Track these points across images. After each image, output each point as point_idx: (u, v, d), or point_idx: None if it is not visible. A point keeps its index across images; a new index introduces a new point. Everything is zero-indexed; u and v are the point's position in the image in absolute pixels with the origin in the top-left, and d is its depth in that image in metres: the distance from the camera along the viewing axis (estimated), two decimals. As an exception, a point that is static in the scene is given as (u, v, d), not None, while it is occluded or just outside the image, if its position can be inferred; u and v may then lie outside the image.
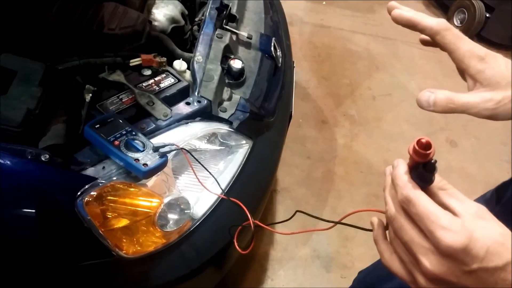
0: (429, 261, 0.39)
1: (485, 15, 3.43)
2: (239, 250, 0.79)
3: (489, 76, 0.49)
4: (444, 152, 2.48)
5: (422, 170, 0.42)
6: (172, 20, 1.35)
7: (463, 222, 0.38)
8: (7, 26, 1.00)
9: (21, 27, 1.03)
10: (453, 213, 0.40)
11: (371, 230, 0.52)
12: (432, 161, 0.42)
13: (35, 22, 1.04)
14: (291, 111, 1.49)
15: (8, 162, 0.76)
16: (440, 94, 0.49)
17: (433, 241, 0.39)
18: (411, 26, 0.52)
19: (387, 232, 0.49)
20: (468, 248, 0.37)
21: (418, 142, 0.41)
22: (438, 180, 0.43)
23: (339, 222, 0.58)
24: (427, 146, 0.41)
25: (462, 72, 0.53)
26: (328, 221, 0.60)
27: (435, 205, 0.40)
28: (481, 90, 0.49)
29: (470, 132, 2.63)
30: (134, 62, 1.09)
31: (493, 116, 0.49)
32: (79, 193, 0.81)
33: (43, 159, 0.78)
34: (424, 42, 0.58)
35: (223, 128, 1.06)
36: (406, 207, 0.42)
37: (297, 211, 0.71)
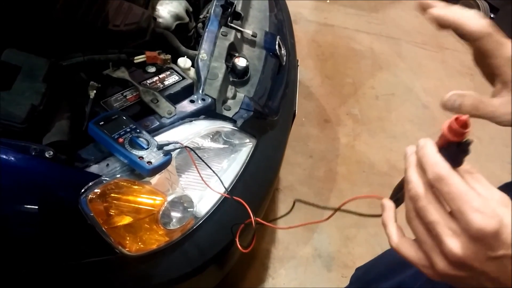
0: (454, 243, 0.38)
1: (490, 16, 3.42)
2: (241, 248, 0.79)
3: None
4: (446, 152, 2.47)
5: (456, 149, 0.41)
6: (177, 17, 1.34)
7: (493, 207, 0.38)
8: (11, 21, 1.00)
9: (26, 22, 1.02)
10: None
11: (370, 216, 0.51)
12: (467, 141, 0.40)
13: (40, 17, 1.04)
14: (295, 110, 1.49)
15: (12, 159, 0.76)
16: (467, 100, 0.48)
17: (463, 223, 0.38)
18: (454, 28, 0.49)
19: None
20: (499, 233, 0.36)
21: (457, 119, 0.40)
22: (464, 164, 0.42)
23: (338, 209, 0.58)
24: (465, 124, 0.40)
25: (491, 75, 0.51)
26: (325, 208, 0.60)
27: (467, 186, 0.39)
28: (508, 97, 0.48)
29: (473, 133, 2.59)
30: (139, 59, 1.09)
31: None
32: (82, 190, 0.81)
33: (47, 155, 0.78)
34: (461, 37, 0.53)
35: (227, 126, 1.05)
36: (438, 185, 0.40)
37: (295, 200, 0.70)
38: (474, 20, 0.48)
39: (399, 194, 0.51)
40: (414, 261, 0.43)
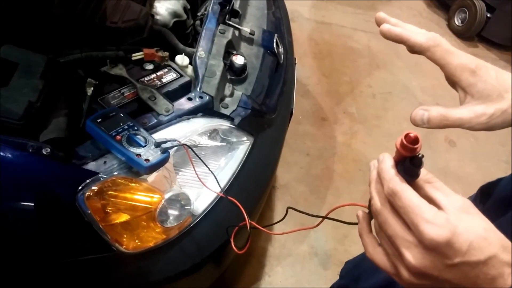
0: (412, 255, 0.39)
1: (486, 15, 3.43)
2: (236, 250, 0.79)
3: (481, 89, 0.49)
4: (442, 151, 2.49)
5: (409, 164, 0.42)
6: (174, 14, 1.34)
7: (448, 216, 0.39)
8: (9, 17, 0.99)
9: (24, 18, 1.01)
10: (438, 206, 0.40)
11: (355, 224, 0.52)
12: (419, 155, 0.42)
13: (38, 13, 1.03)
14: (292, 108, 1.49)
15: (9, 155, 0.76)
16: (433, 112, 0.49)
17: (416, 234, 0.39)
18: (400, 42, 0.52)
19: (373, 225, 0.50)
20: (451, 242, 0.37)
21: (406, 136, 0.41)
22: (424, 173, 0.43)
23: (325, 217, 0.59)
24: (415, 140, 0.41)
25: (453, 84, 0.53)
26: (315, 216, 0.61)
27: (420, 198, 0.41)
28: (473, 103, 0.50)
29: (469, 132, 2.61)
30: (136, 56, 1.09)
31: (487, 128, 0.49)
32: (80, 188, 0.81)
33: (44, 152, 0.78)
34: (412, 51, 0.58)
35: (225, 124, 1.05)
36: (392, 200, 0.42)
37: (288, 207, 0.71)
38: (419, 34, 0.51)
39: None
40: (386, 270, 0.44)
